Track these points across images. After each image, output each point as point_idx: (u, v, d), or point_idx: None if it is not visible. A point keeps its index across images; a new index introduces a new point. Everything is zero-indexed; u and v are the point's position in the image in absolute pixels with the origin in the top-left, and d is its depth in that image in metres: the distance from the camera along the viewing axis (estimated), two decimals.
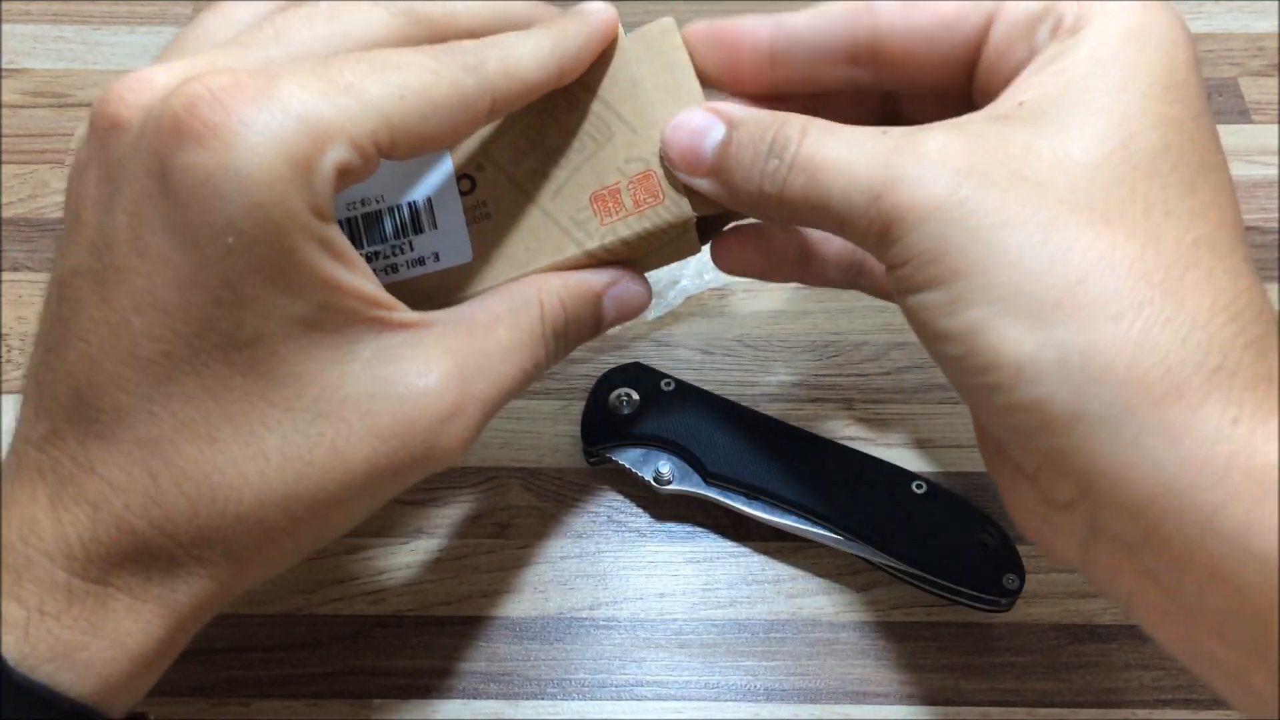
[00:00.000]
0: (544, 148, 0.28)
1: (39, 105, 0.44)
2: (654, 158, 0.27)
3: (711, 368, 0.38)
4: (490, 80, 0.24)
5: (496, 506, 0.35)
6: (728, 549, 0.34)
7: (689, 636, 0.33)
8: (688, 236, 0.28)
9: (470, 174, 0.28)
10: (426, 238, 0.28)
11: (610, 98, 0.28)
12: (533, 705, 0.32)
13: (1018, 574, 0.31)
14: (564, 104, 0.28)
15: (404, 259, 0.28)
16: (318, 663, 0.32)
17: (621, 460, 0.34)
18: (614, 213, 0.28)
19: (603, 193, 0.28)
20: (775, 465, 0.33)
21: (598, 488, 0.35)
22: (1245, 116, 0.44)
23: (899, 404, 0.37)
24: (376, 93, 0.23)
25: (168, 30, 0.46)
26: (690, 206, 0.27)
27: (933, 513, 0.32)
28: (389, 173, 0.28)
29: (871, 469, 0.33)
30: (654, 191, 0.27)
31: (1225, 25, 0.47)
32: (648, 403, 0.34)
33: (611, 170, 0.28)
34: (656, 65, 0.28)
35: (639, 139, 0.28)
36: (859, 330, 0.38)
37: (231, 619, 0.33)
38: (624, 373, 0.35)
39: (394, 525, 0.34)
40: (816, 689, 0.32)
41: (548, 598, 0.33)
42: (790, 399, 0.37)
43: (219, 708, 0.31)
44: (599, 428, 0.34)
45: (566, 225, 0.28)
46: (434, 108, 0.23)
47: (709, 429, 0.33)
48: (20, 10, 0.46)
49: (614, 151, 0.28)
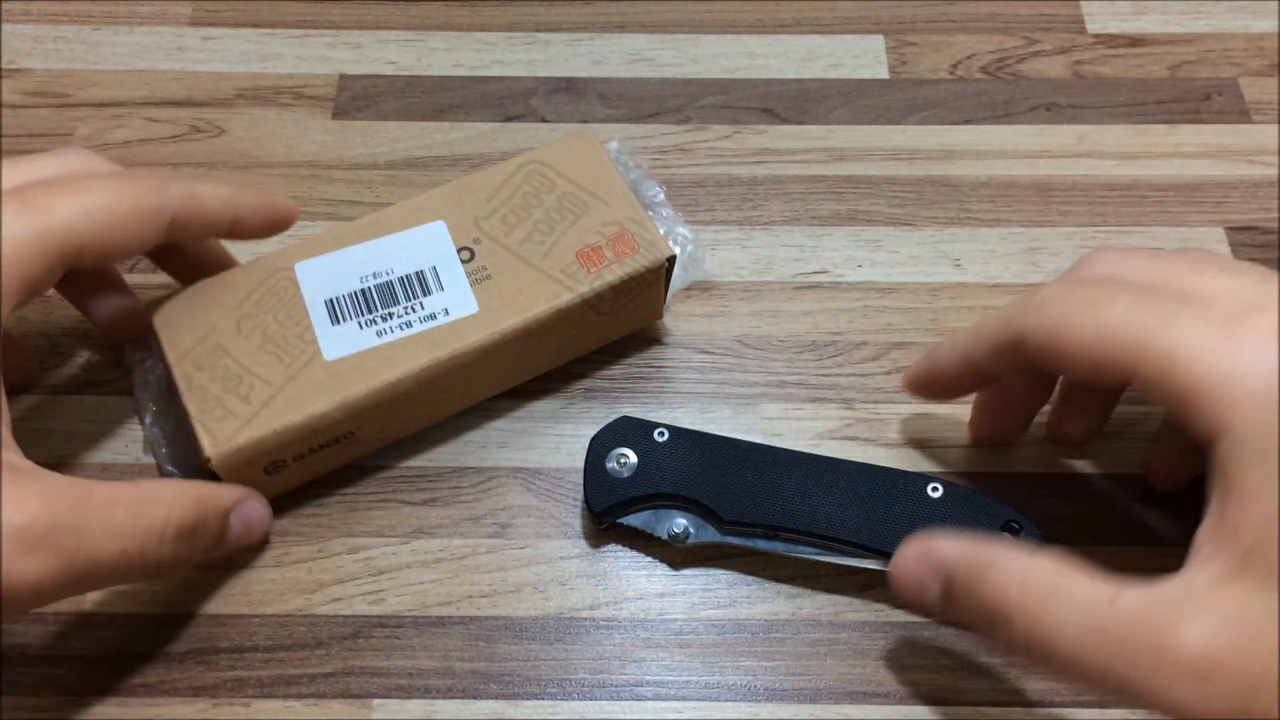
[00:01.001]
0: (530, 221, 0.35)
1: (39, 105, 0.44)
2: (627, 221, 0.35)
3: (711, 368, 0.38)
4: (171, 200, 0.30)
5: (496, 506, 0.35)
6: (728, 549, 0.34)
7: (689, 636, 0.33)
8: (658, 286, 0.35)
9: (469, 247, 0.34)
10: (434, 298, 0.33)
11: (580, 181, 0.36)
12: (533, 705, 0.32)
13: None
14: (543, 189, 0.35)
15: (416, 316, 0.33)
16: (318, 663, 0.32)
17: (634, 523, 0.33)
18: (598, 264, 0.34)
19: (586, 250, 0.34)
20: (788, 498, 0.32)
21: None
22: (1245, 116, 0.44)
23: (899, 404, 0.37)
24: (65, 211, 0.28)
25: (167, 30, 0.46)
26: (662, 252, 0.34)
27: (954, 512, 0.32)
28: (397, 249, 0.34)
29: (884, 481, 0.33)
30: (630, 245, 0.34)
31: (1225, 25, 0.47)
32: (646, 460, 0.33)
33: (591, 233, 0.34)
34: (597, 159, 0.36)
35: (610, 208, 0.35)
36: (859, 330, 0.38)
37: (231, 619, 0.33)
38: (614, 431, 0.34)
39: (394, 525, 0.34)
40: (816, 689, 0.32)
41: (548, 598, 0.33)
42: (790, 399, 0.37)
43: (219, 708, 0.31)
44: (603, 496, 0.33)
45: (559, 277, 0.34)
46: (116, 221, 0.29)
47: (714, 475, 0.33)
48: (20, 10, 0.46)
49: (591, 219, 0.35)
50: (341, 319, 0.33)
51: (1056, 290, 0.28)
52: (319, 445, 0.33)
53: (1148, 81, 0.45)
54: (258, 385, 0.32)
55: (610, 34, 0.46)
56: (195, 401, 0.31)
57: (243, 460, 0.31)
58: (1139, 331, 0.25)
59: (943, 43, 0.46)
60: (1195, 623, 0.22)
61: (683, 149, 0.43)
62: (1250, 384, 0.23)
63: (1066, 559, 0.26)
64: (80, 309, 0.34)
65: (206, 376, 0.32)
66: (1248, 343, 0.23)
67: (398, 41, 0.46)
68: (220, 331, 0.33)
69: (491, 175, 0.36)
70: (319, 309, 0.33)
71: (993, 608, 0.26)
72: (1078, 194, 0.42)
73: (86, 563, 0.26)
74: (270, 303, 0.33)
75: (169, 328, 0.33)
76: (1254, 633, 0.22)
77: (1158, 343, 0.25)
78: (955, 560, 0.27)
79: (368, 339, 0.33)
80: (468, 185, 0.35)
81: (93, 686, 0.32)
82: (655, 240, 0.34)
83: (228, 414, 0.31)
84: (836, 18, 0.47)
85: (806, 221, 0.41)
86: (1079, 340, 0.26)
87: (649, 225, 0.35)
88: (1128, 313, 0.25)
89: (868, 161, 0.43)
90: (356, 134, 0.43)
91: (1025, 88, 0.45)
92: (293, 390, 0.32)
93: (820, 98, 0.44)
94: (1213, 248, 0.40)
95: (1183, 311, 0.25)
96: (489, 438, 0.36)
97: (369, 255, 0.34)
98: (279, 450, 0.32)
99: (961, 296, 0.39)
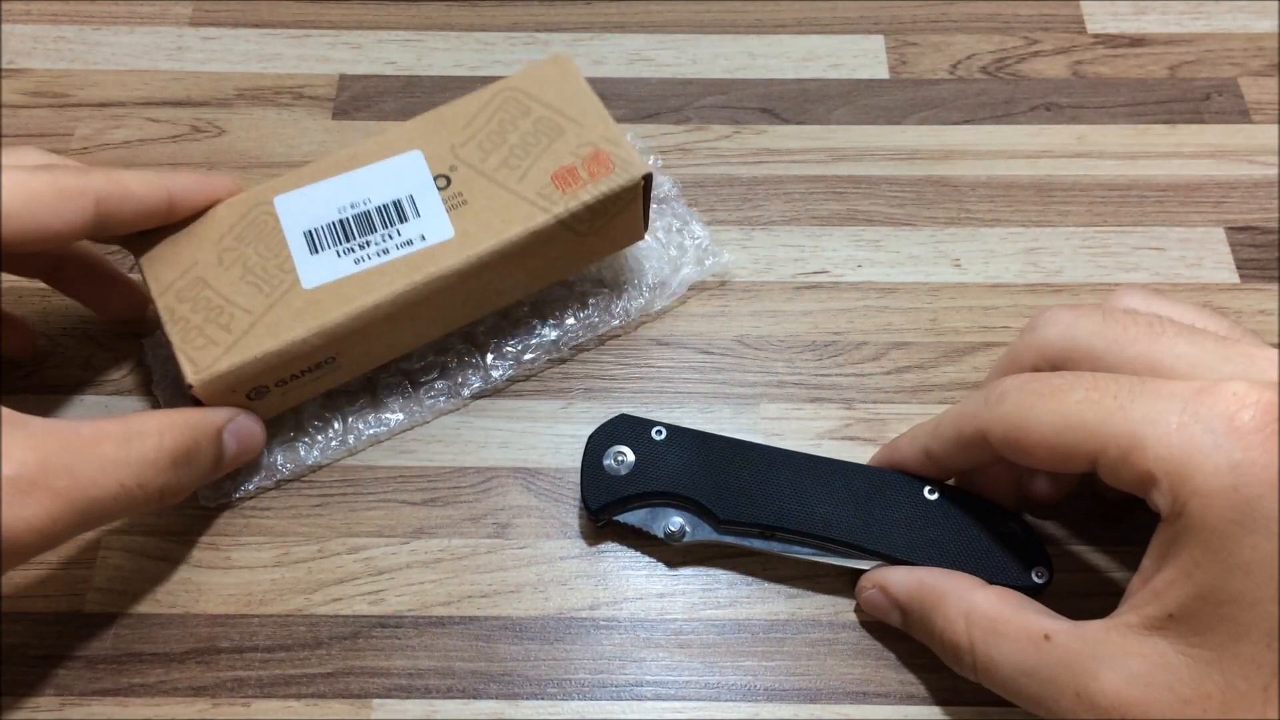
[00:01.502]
0: (506, 146, 0.35)
1: (39, 105, 0.44)
2: (602, 141, 0.35)
3: (711, 368, 0.38)
4: (92, 181, 0.31)
5: (496, 506, 0.35)
6: (728, 549, 0.34)
7: (689, 636, 0.33)
8: (635, 205, 0.35)
9: (445, 174, 0.35)
10: (411, 224, 0.34)
11: (556, 105, 0.36)
12: (533, 705, 0.32)
13: (1046, 566, 0.31)
14: (519, 114, 0.36)
15: (393, 243, 0.33)
16: (318, 663, 0.32)
17: (630, 521, 0.33)
18: (574, 184, 0.34)
19: (561, 171, 0.34)
20: (784, 499, 0.32)
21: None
22: (1245, 116, 0.44)
23: (899, 404, 0.37)
24: None
25: (167, 30, 0.46)
26: (638, 170, 0.34)
27: (951, 515, 0.32)
28: (375, 180, 0.34)
29: (880, 482, 0.32)
30: (605, 165, 0.34)
31: (1225, 25, 0.47)
32: (643, 458, 0.33)
33: (566, 154, 0.35)
34: (573, 83, 0.36)
35: (585, 130, 0.35)
36: (859, 330, 0.38)
37: (231, 619, 0.33)
38: (612, 428, 0.34)
39: (394, 525, 0.34)
40: (816, 689, 0.32)
41: (548, 598, 0.33)
42: (790, 399, 0.37)
43: (219, 708, 0.31)
44: (600, 494, 0.33)
45: (534, 199, 0.34)
46: (34, 198, 0.29)
47: (711, 474, 0.33)
48: (20, 10, 0.46)
49: (566, 142, 0.35)
50: (320, 249, 0.33)
51: (1013, 383, 0.28)
52: (300, 371, 0.33)
53: (1148, 81, 0.45)
54: (238, 314, 0.32)
55: (610, 34, 0.46)
56: (178, 332, 0.32)
57: (225, 386, 0.32)
58: (1100, 417, 0.25)
59: (943, 43, 0.46)
60: (1114, 669, 0.25)
61: (683, 149, 0.43)
62: (1207, 473, 0.23)
63: (1007, 595, 0.29)
64: (79, 299, 0.36)
65: (189, 308, 0.33)
66: (1206, 426, 0.24)
67: (398, 41, 0.46)
68: (202, 265, 0.33)
69: (468, 103, 0.36)
70: (298, 240, 0.34)
71: (943, 641, 0.29)
72: (1078, 194, 0.42)
73: (85, 500, 0.27)
74: (251, 235, 0.34)
75: (153, 264, 0.34)
76: (1165, 685, 0.24)
77: (1119, 427, 0.25)
78: (906, 598, 0.31)
79: (346, 267, 0.33)
80: (444, 115, 0.36)
81: (93, 686, 0.32)
82: (630, 159, 0.35)
83: (209, 342, 0.32)
84: (836, 18, 0.47)
85: (806, 221, 0.41)
86: (1040, 433, 0.26)
87: (624, 145, 0.35)
88: (1086, 399, 0.26)
89: (868, 161, 0.43)
90: (356, 134, 0.43)
91: (1025, 88, 0.45)
92: (272, 318, 0.32)
93: (820, 98, 0.44)
94: (1213, 248, 0.40)
95: (1141, 392, 0.25)
96: (489, 438, 0.36)
97: (347, 186, 0.35)
98: (260, 376, 0.32)
99: (961, 296, 0.39)
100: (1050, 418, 0.26)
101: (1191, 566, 0.24)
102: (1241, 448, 0.23)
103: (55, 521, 0.27)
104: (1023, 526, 0.32)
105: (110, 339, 0.38)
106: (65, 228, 0.31)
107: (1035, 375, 0.28)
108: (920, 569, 0.31)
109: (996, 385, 0.28)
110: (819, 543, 0.32)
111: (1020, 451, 0.27)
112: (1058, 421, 0.26)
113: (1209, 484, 0.23)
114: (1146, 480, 0.25)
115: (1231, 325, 0.28)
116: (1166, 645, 0.25)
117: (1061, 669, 0.26)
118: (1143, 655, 0.25)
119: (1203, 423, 0.24)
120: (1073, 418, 0.26)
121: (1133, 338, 0.27)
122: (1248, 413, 0.23)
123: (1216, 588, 0.24)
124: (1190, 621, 0.24)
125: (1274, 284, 0.39)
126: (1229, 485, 0.23)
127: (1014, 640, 0.27)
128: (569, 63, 0.37)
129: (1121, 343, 0.27)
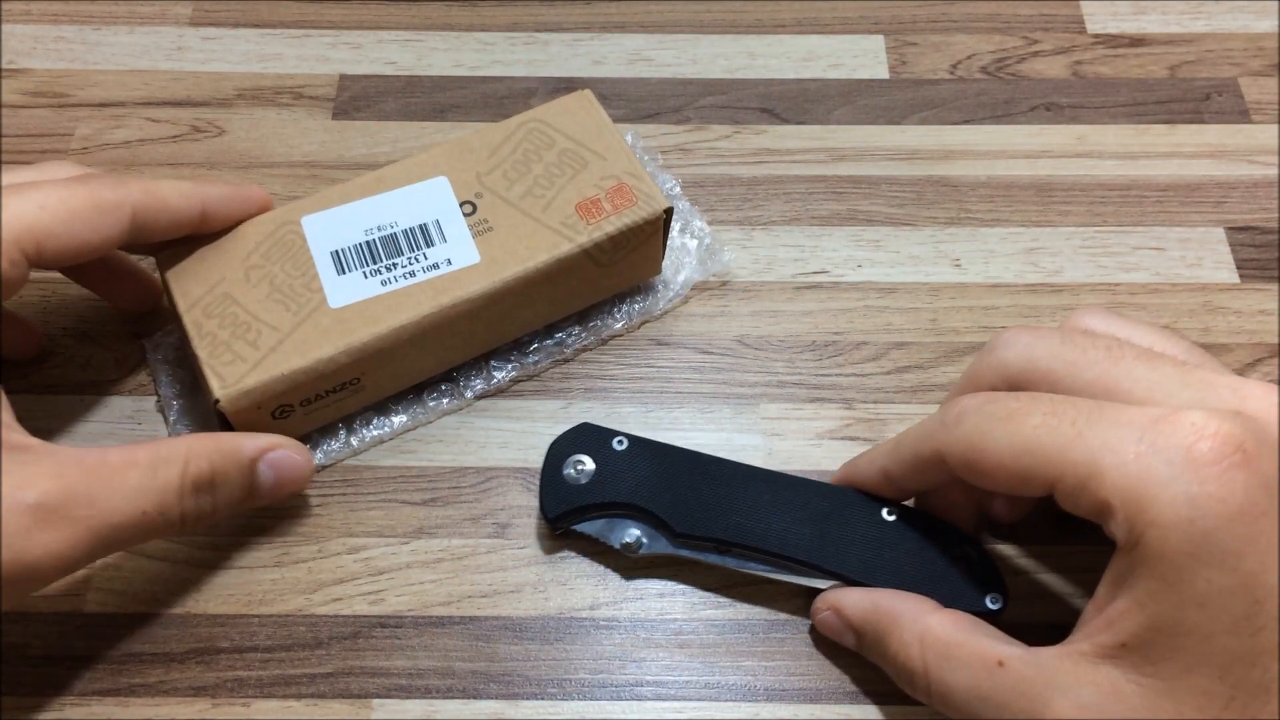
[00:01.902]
0: (530, 176, 0.36)
1: (39, 105, 0.44)
2: (625, 175, 0.36)
3: (711, 368, 0.38)
4: (129, 193, 0.31)
5: (496, 506, 0.35)
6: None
7: (689, 636, 0.33)
8: (656, 239, 0.36)
9: (471, 200, 0.35)
10: (437, 249, 0.34)
11: (580, 138, 0.36)
12: (533, 705, 0.32)
13: (1001, 592, 0.30)
14: (543, 145, 0.36)
15: (420, 266, 0.34)
16: (318, 663, 0.32)
17: (588, 531, 0.33)
18: (597, 215, 0.35)
19: (585, 202, 0.35)
20: (742, 514, 0.32)
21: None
22: (1245, 116, 0.44)
23: (899, 404, 0.37)
24: (17, 208, 0.29)
25: (167, 30, 0.46)
26: (659, 204, 0.35)
27: (907, 537, 0.31)
28: (400, 204, 0.35)
29: (839, 501, 0.32)
30: (629, 198, 0.35)
31: (1225, 25, 0.47)
32: (603, 467, 0.33)
33: (590, 186, 0.35)
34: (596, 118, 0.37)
35: (608, 163, 0.36)
36: (859, 330, 0.38)
37: (231, 619, 0.33)
38: (573, 437, 0.34)
39: (394, 525, 0.34)
40: (816, 689, 0.32)
41: (548, 598, 0.33)
42: (790, 399, 0.37)
43: (219, 708, 0.31)
44: (558, 502, 0.33)
45: (559, 228, 0.35)
46: (74, 214, 0.30)
47: (669, 487, 0.33)
48: (20, 10, 0.46)
49: (589, 174, 0.36)
50: (347, 269, 0.34)
51: (971, 404, 0.27)
52: (325, 391, 0.33)
53: (1148, 81, 0.45)
54: (265, 331, 0.32)
55: (610, 34, 0.46)
56: (205, 347, 0.32)
57: (250, 403, 0.32)
58: (1058, 444, 0.25)
59: (943, 43, 0.46)
60: (1067, 696, 0.25)
61: (683, 149, 0.43)
62: (1163, 504, 0.23)
63: (962, 620, 0.29)
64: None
65: (216, 323, 0.33)
66: (1164, 457, 0.24)
67: (398, 41, 0.46)
68: (229, 281, 0.34)
69: (493, 133, 0.37)
70: (325, 260, 0.34)
71: (897, 664, 0.29)
72: (1078, 194, 0.42)
73: (107, 527, 0.27)
74: (277, 254, 0.34)
75: (179, 278, 0.34)
76: (1117, 713, 0.24)
77: (1076, 454, 0.25)
78: (860, 621, 0.30)
79: (372, 288, 0.33)
80: (469, 143, 0.36)
81: (93, 686, 0.32)
82: (653, 193, 0.35)
83: (236, 358, 0.32)
84: (836, 18, 0.47)
85: (806, 221, 0.41)
86: (998, 457, 0.26)
87: (646, 180, 0.35)
88: (1044, 425, 0.25)
89: (868, 161, 0.43)
90: (356, 134, 0.43)
91: (1025, 88, 0.45)
92: (299, 336, 0.32)
93: (820, 98, 0.44)
94: (1213, 248, 0.40)
95: (1100, 418, 0.25)
96: (489, 438, 0.36)
97: (373, 209, 0.35)
98: (286, 394, 0.32)
99: (961, 296, 0.39)
100: (1008, 441, 0.26)
101: (1146, 597, 0.24)
102: (1198, 480, 0.23)
103: (76, 549, 0.27)
104: (979, 551, 0.31)
105: (110, 339, 0.38)
106: (102, 242, 0.31)
107: (993, 396, 0.27)
108: (875, 591, 0.31)
109: (954, 405, 0.28)
110: (775, 560, 0.32)
111: (977, 474, 0.27)
112: (1015, 446, 0.26)
113: (1165, 515, 0.23)
114: (1103, 509, 0.24)
115: (1190, 348, 0.28)
116: (1119, 674, 0.25)
117: (1015, 695, 0.26)
118: (1095, 684, 0.25)
119: (1160, 453, 0.24)
120: (1030, 443, 0.25)
121: (1091, 361, 0.27)
122: (1206, 444, 0.23)
123: (1170, 619, 0.24)
124: (1143, 651, 0.24)
125: (1274, 284, 0.39)
126: (1185, 518, 0.23)
127: (967, 666, 0.27)
128: (592, 99, 0.37)
129: (1080, 366, 0.27)
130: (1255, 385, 0.25)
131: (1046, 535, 0.34)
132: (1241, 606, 0.23)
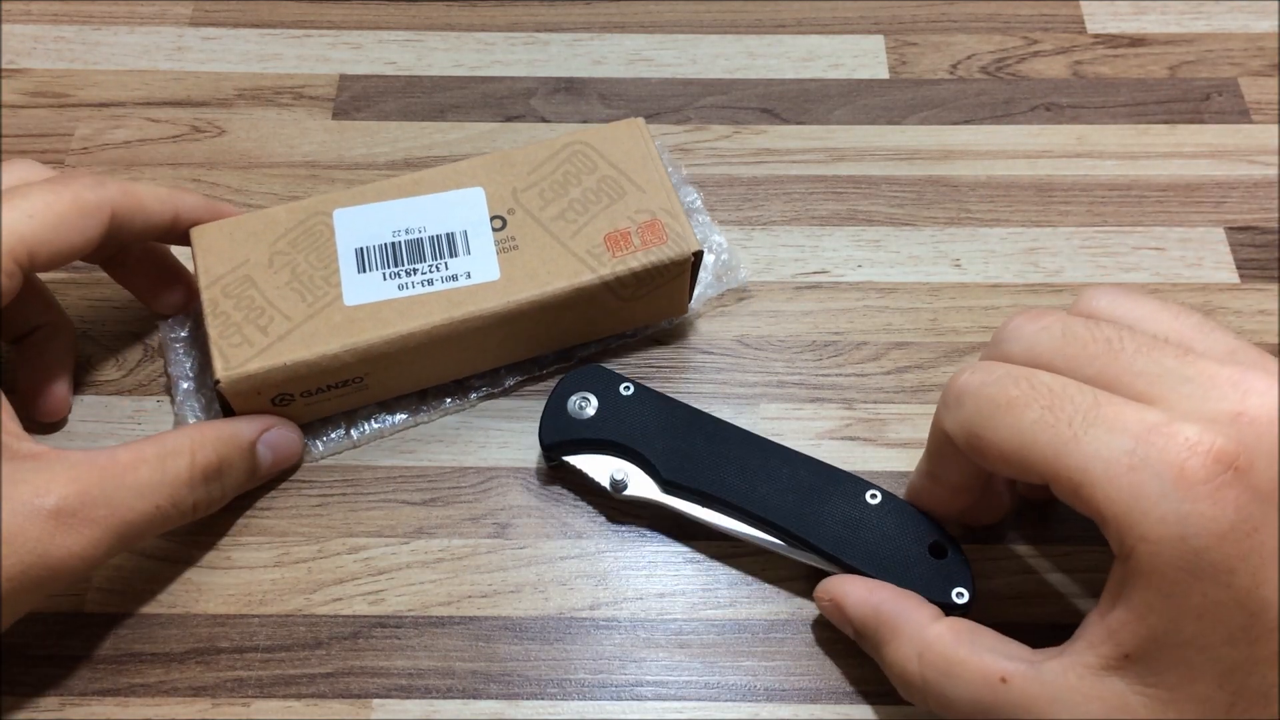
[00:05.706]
0: (566, 199, 0.35)
1: (39, 105, 0.44)
2: (660, 211, 0.35)
3: (711, 368, 0.38)
4: (109, 194, 0.31)
5: (496, 506, 0.35)
6: (728, 549, 0.34)
7: (689, 636, 0.33)
8: (682, 280, 0.35)
9: (503, 215, 0.35)
10: (460, 260, 0.34)
11: (623, 167, 0.36)
12: (533, 705, 0.32)
13: (967, 588, 0.31)
14: (584, 169, 0.36)
15: (439, 275, 0.34)
16: (318, 663, 0.32)
17: (577, 464, 0.34)
18: (624, 249, 0.34)
19: (615, 234, 0.35)
20: (729, 473, 0.33)
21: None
22: (1245, 116, 0.44)
23: (899, 404, 0.37)
24: (7, 219, 0.29)
25: (167, 30, 0.46)
26: (689, 246, 0.34)
27: (885, 523, 0.32)
28: (433, 209, 0.35)
29: (827, 478, 0.33)
30: (660, 235, 0.35)
31: (1225, 25, 0.47)
32: (606, 407, 0.34)
33: (623, 218, 0.35)
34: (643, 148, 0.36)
35: (646, 196, 0.35)
36: (859, 330, 0.38)
37: (231, 619, 0.33)
38: (583, 376, 0.35)
39: (394, 525, 0.34)
40: (816, 689, 0.32)
41: (548, 598, 0.33)
42: (790, 399, 0.37)
43: (219, 708, 0.31)
44: (557, 431, 0.34)
45: (583, 257, 0.34)
46: (61, 219, 0.30)
47: (665, 435, 0.33)
48: (20, 10, 0.46)
49: (625, 205, 0.35)
50: (368, 268, 0.34)
51: (970, 384, 0.27)
52: (326, 385, 0.33)
53: (1148, 81, 0.45)
54: (277, 318, 0.33)
55: (610, 34, 0.46)
56: (217, 326, 0.33)
57: (251, 387, 0.32)
58: (1053, 444, 0.25)
59: (943, 43, 0.46)
60: (1073, 713, 0.25)
61: (683, 149, 0.43)
62: (1154, 521, 0.23)
63: (961, 631, 0.28)
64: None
65: (232, 304, 0.33)
66: (1155, 473, 0.23)
67: (398, 41, 0.46)
68: (252, 264, 0.34)
69: (537, 150, 0.36)
70: (349, 255, 0.34)
71: (893, 671, 0.29)
72: (1078, 194, 0.42)
73: (124, 525, 0.29)
74: (305, 243, 0.34)
75: (205, 254, 0.34)
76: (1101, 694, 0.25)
77: (1070, 460, 0.25)
78: (860, 622, 0.30)
79: (389, 290, 0.33)
80: (512, 157, 0.36)
81: (93, 686, 0.32)
82: (685, 234, 0.35)
83: (244, 341, 0.32)
84: (836, 18, 0.47)
85: (806, 221, 0.41)
86: (998, 447, 0.26)
87: (682, 219, 0.35)
88: (1041, 421, 0.25)
89: (868, 161, 0.43)
90: (356, 134, 0.43)
91: (1025, 88, 0.45)
92: (309, 328, 0.33)
93: (820, 98, 0.44)
94: (1213, 248, 0.40)
95: (1096, 420, 0.25)
96: (489, 438, 0.36)
97: (405, 211, 0.35)
98: (287, 384, 0.33)
99: (961, 296, 0.39)
100: (1007, 433, 0.26)
101: (1144, 609, 0.24)
102: (1190, 499, 0.23)
103: (96, 548, 0.28)
104: (954, 546, 0.31)
105: (110, 339, 0.38)
106: (85, 244, 0.31)
107: (991, 373, 0.27)
108: (877, 590, 0.30)
109: (953, 384, 0.28)
110: (755, 522, 0.32)
111: (980, 459, 0.27)
112: (1013, 439, 0.26)
113: (1156, 532, 0.23)
114: (1096, 517, 0.25)
115: (1200, 323, 0.28)
116: (1124, 686, 0.25)
117: (1019, 712, 0.26)
118: (1101, 699, 0.25)
119: (1152, 468, 0.23)
120: (1028, 438, 0.25)
121: (1091, 356, 0.26)
122: (1198, 461, 0.23)
123: (1170, 631, 0.24)
124: (1146, 662, 0.24)
125: (1274, 284, 0.39)
126: (1176, 535, 0.23)
127: (969, 683, 0.27)
128: (643, 127, 0.37)
129: (1080, 361, 0.27)
130: (1258, 378, 0.25)
131: (1047, 535, 0.34)
132: (1238, 619, 0.23)
